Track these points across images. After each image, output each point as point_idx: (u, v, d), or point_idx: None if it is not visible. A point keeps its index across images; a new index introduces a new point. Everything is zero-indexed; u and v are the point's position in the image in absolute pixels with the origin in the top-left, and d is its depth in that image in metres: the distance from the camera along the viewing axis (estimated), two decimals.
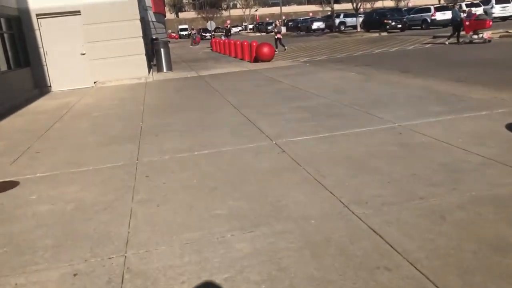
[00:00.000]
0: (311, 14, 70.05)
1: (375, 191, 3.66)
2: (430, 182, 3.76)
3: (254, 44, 17.11)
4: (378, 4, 59.43)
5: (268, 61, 16.05)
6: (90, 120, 8.00)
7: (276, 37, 24.54)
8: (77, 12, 12.95)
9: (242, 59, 18.47)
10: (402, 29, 31.83)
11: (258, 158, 4.83)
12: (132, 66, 13.57)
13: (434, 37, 22.79)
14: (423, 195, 3.50)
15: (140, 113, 8.20)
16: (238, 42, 19.85)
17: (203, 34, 58.30)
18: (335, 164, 4.45)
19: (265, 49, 16.06)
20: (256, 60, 16.47)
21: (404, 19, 32.41)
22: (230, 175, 4.37)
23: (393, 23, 32.21)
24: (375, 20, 34.24)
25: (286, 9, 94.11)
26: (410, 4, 48.72)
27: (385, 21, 32.38)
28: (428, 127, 5.47)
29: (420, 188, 3.64)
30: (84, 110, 9.11)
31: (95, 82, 13.45)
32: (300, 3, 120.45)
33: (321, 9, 54.26)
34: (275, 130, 6.00)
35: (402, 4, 62.00)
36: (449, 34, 19.07)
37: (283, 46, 24.04)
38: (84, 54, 13.22)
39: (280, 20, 40.77)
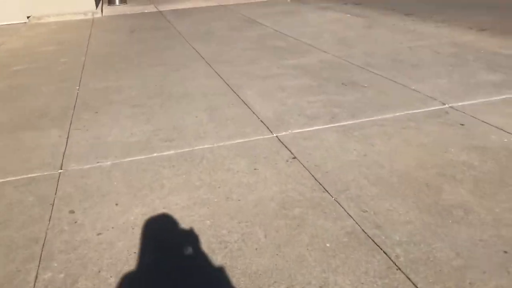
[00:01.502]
0: None
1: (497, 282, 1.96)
2: None
3: None
4: None
5: None
6: (8, 78, 5.80)
7: None
8: None
9: None
10: None
11: (257, 175, 2.99)
12: None
13: None
14: None
15: (80, 68, 6.06)
16: None
17: None
18: (386, 194, 2.69)
19: None
20: None
21: None
22: (217, 219, 2.54)
23: None
24: None
25: None
26: None
27: None
28: (498, 113, 3.75)
29: None
30: (4, 61, 6.82)
31: (28, 17, 10.83)
32: None
33: None
34: (271, 109, 4.13)
35: None
36: None
37: None
38: None
39: None
